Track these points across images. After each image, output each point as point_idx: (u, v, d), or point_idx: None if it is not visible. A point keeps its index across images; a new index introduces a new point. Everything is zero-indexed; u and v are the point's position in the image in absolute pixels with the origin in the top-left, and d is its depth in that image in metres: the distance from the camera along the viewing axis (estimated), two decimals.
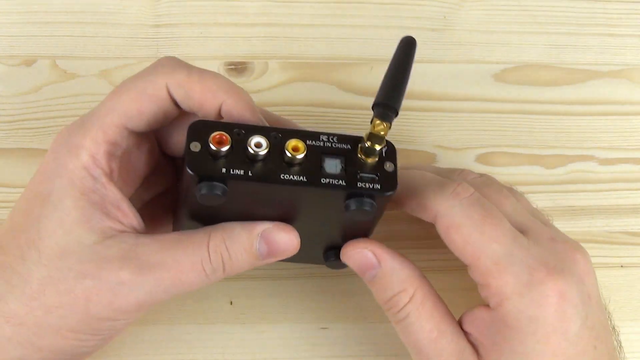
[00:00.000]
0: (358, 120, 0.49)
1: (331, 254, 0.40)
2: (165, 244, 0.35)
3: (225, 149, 0.33)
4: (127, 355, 0.43)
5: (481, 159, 0.50)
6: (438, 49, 0.49)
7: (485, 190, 0.39)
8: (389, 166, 0.35)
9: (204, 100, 0.36)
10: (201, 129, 0.34)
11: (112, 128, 0.36)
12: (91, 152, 0.35)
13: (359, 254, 0.38)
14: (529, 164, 0.51)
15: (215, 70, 0.47)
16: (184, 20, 0.47)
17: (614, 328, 0.40)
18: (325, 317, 0.45)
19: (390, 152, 0.35)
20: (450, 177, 0.40)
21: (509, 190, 0.42)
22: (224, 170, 0.33)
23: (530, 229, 0.38)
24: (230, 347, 0.44)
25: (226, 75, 0.48)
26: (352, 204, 0.34)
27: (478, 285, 0.37)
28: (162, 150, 0.39)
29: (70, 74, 0.47)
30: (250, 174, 0.33)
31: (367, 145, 0.34)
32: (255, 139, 0.33)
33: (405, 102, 0.49)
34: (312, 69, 0.48)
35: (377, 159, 0.34)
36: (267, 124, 0.36)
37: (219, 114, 0.36)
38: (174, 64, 0.37)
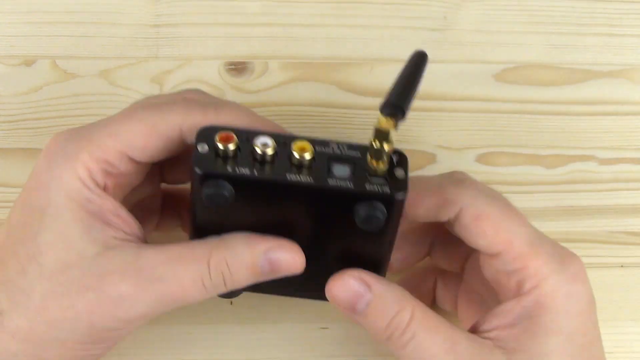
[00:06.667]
0: (358, 120, 0.49)
1: None
2: (168, 257, 0.35)
3: (232, 147, 0.33)
4: (127, 355, 0.43)
5: (481, 159, 0.50)
6: (438, 49, 0.49)
7: None
8: (399, 173, 0.34)
9: None
10: (209, 132, 0.34)
11: (112, 152, 0.35)
12: (87, 166, 0.35)
13: (346, 283, 0.36)
14: (529, 164, 0.51)
15: (215, 70, 0.48)
16: (184, 20, 0.47)
17: None
18: (325, 317, 0.45)
19: (402, 160, 0.34)
20: (451, 177, 0.40)
21: None
22: (229, 169, 0.33)
23: None
24: (230, 347, 0.44)
25: (226, 75, 0.48)
26: (361, 210, 0.33)
27: (505, 274, 0.37)
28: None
29: (70, 74, 0.47)
30: (256, 173, 0.33)
31: (374, 146, 0.33)
32: (262, 139, 0.33)
33: None
34: (312, 69, 0.48)
35: (387, 166, 0.34)
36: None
37: None
38: (187, 103, 0.36)
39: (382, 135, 0.33)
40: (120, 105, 0.39)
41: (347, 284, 0.36)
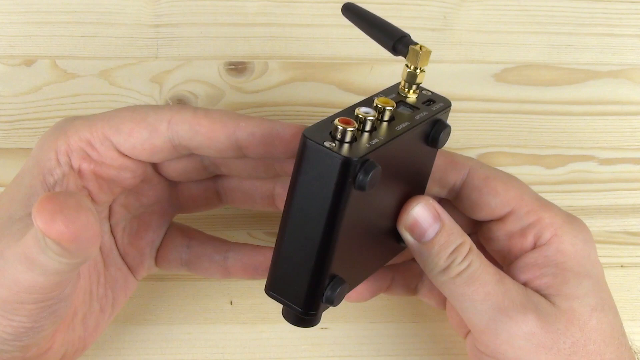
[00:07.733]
0: None
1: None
2: None
3: (353, 127, 0.32)
4: (127, 355, 0.43)
5: (481, 159, 0.50)
6: (438, 49, 0.49)
7: None
8: (426, 92, 0.37)
9: (212, 131, 0.36)
10: (315, 130, 0.33)
11: (98, 133, 0.36)
12: (68, 142, 0.36)
13: (420, 211, 0.36)
14: (529, 164, 0.51)
15: (215, 70, 0.48)
16: (184, 20, 0.47)
17: None
18: (325, 317, 0.44)
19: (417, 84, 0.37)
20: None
21: None
22: (368, 145, 0.33)
23: None
24: (230, 347, 0.44)
25: (226, 75, 0.48)
26: (436, 131, 0.36)
27: (520, 232, 0.38)
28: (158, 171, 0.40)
29: (70, 74, 0.47)
30: (382, 138, 0.33)
31: (417, 72, 0.35)
32: (362, 109, 0.33)
33: None
34: (312, 69, 0.48)
35: (417, 90, 0.36)
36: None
37: (231, 145, 0.36)
38: (181, 105, 0.38)
39: (426, 57, 0.35)
40: (120, 105, 0.39)
41: (421, 212, 0.36)
